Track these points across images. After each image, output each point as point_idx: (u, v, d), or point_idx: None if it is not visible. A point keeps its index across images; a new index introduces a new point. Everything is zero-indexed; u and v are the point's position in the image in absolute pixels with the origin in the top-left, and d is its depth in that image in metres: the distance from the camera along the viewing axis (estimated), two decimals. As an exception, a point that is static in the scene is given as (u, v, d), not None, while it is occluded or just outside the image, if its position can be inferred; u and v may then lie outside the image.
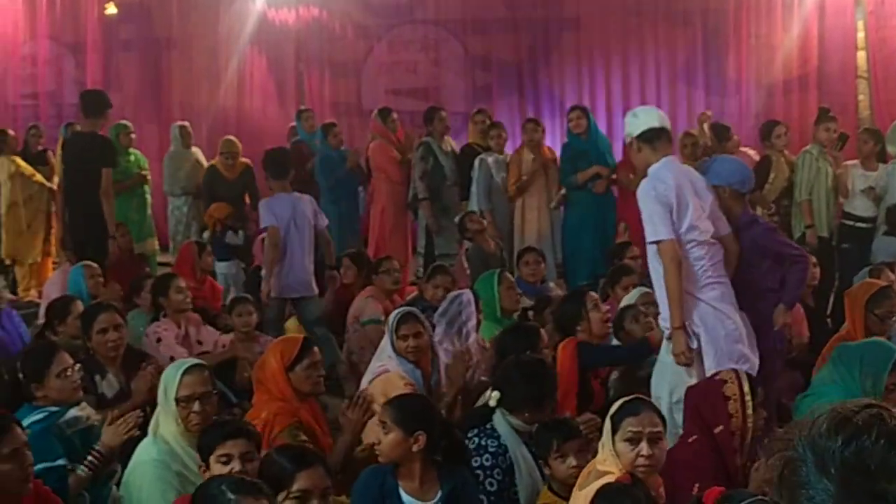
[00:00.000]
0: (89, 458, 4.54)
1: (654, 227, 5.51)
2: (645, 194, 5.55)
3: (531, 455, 4.68)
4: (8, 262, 10.63)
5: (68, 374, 4.82)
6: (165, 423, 4.42)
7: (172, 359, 6.04)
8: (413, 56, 13.85)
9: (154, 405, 4.66)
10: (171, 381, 4.47)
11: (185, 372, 4.49)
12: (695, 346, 5.54)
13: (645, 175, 5.70)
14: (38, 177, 11.01)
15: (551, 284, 9.09)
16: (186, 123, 11.42)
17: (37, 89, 14.75)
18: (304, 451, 3.71)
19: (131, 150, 10.95)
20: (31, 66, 14.77)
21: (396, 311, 6.12)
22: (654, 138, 5.65)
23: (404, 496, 4.16)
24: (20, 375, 4.90)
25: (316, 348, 5.21)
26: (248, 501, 3.15)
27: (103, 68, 14.39)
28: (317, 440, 4.92)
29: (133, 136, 11.08)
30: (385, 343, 6.06)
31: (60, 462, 4.44)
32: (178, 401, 4.40)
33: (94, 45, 14.44)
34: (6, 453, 3.68)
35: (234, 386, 6.50)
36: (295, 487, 3.46)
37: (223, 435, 3.88)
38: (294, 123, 11.70)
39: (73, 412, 4.77)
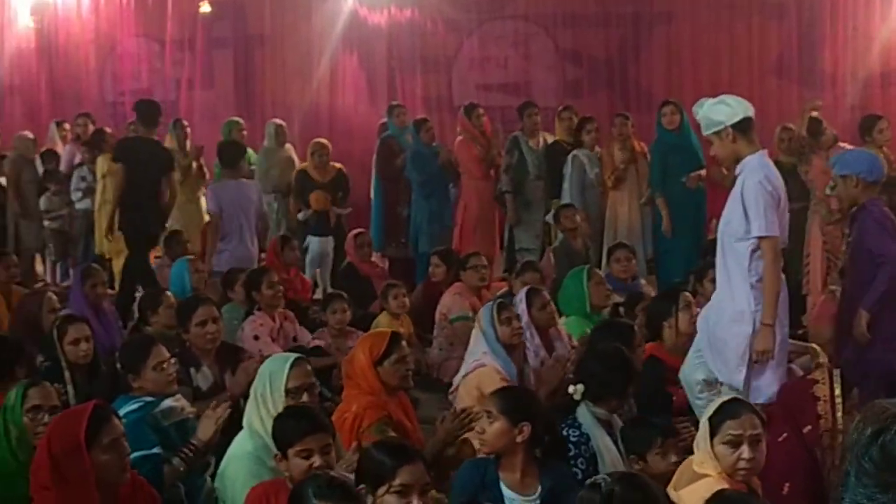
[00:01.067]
0: (184, 449, 4.61)
1: (766, 222, 5.25)
2: (757, 186, 5.28)
3: (614, 445, 4.67)
4: (107, 256, 10.85)
5: (164, 366, 4.92)
6: (260, 417, 4.45)
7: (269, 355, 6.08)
8: (503, 51, 13.81)
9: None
10: (277, 374, 4.49)
11: (294, 364, 4.53)
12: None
13: (733, 166, 5.51)
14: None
15: (642, 281, 9.01)
16: (282, 122, 11.52)
17: (133, 87, 15.01)
18: (404, 446, 3.71)
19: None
20: (129, 64, 15.05)
21: (492, 301, 6.16)
22: (748, 128, 5.41)
23: (505, 489, 4.17)
24: (118, 367, 5.03)
25: (405, 342, 5.25)
26: None
27: (197, 65, 14.60)
28: (406, 435, 4.94)
29: (245, 132, 11.28)
30: (477, 338, 6.08)
31: (155, 451, 4.53)
32: (287, 392, 4.44)
33: (188, 43, 14.65)
34: (105, 443, 3.76)
35: (329, 384, 6.56)
36: (396, 482, 3.45)
37: (302, 430, 3.90)
38: (385, 119, 11.75)
39: (168, 402, 4.86)
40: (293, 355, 4.72)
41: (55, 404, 4.49)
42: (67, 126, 12.73)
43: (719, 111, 5.42)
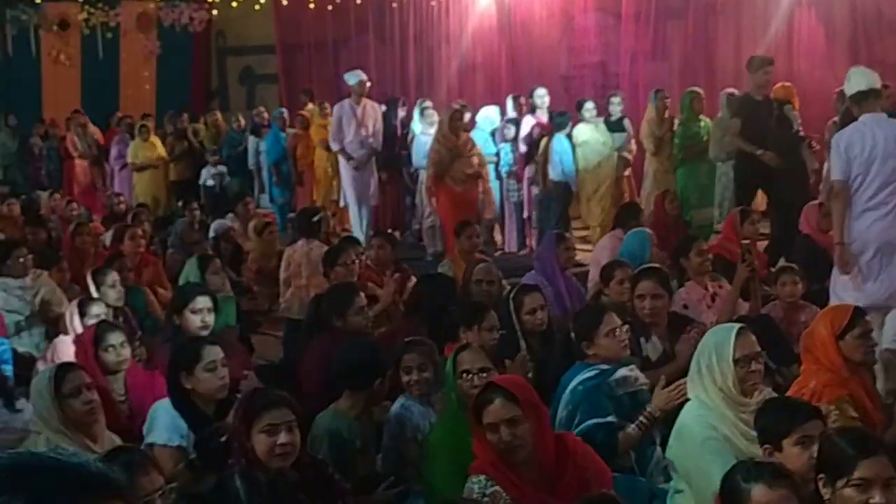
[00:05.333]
0: (640, 418, 4.65)
1: None
2: None
3: None
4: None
5: (616, 333, 4.98)
6: (704, 387, 4.38)
7: (710, 324, 6.00)
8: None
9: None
10: (723, 344, 4.38)
11: (739, 334, 4.41)
12: None
13: None
14: (608, 144, 11.63)
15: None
16: (735, 91, 11.28)
17: (587, 60, 15.31)
18: (867, 437, 3.49)
19: (701, 116, 11.14)
20: (583, 38, 15.35)
21: None
22: None
23: None
24: (572, 335, 5.16)
25: (869, 317, 4.99)
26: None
27: (649, 37, 14.60)
28: (868, 416, 4.71)
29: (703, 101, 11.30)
30: None
31: (610, 418, 4.60)
32: (735, 362, 4.34)
33: (640, 15, 14.69)
34: None
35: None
36: (855, 475, 3.27)
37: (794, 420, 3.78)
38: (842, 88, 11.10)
39: (622, 372, 4.92)
40: (737, 325, 4.60)
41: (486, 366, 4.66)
42: (523, 100, 13.21)
43: None
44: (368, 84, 12.06)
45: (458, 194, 10.40)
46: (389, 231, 11.06)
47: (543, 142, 11.60)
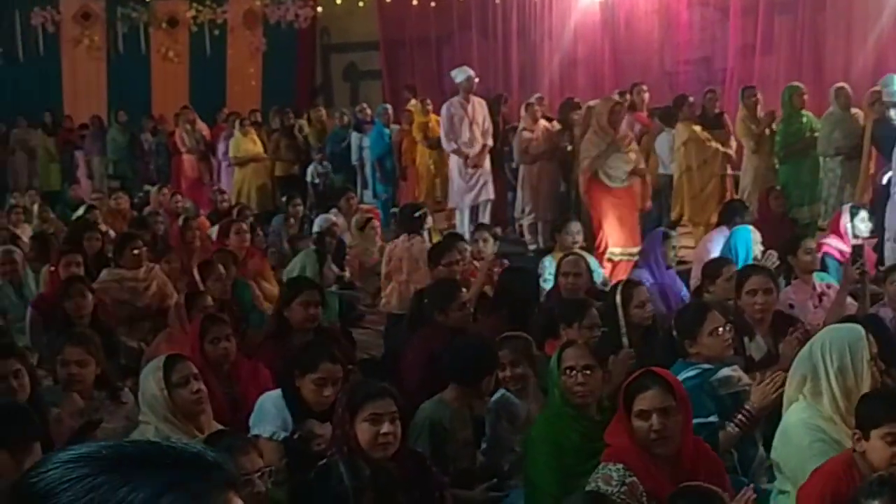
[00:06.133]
0: (739, 416, 4.59)
1: None
2: None
3: None
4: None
5: (720, 332, 4.92)
6: (832, 387, 4.19)
7: (817, 325, 5.88)
8: None
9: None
10: (857, 344, 4.21)
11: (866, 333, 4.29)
12: None
13: None
14: (714, 142, 11.35)
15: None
16: (844, 85, 11.05)
17: (691, 56, 15.13)
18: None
19: (804, 111, 10.94)
20: (687, 33, 15.17)
21: None
22: None
23: None
24: (674, 332, 5.11)
25: None
26: None
27: (758, 32, 14.35)
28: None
29: (805, 96, 11.04)
30: None
31: (712, 418, 4.55)
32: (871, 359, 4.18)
33: (744, 9, 14.46)
34: None
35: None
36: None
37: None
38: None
39: (725, 371, 4.86)
40: (859, 327, 4.47)
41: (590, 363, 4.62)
42: (628, 96, 13.10)
43: None
44: (476, 80, 12.05)
45: (612, 191, 9.80)
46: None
47: (645, 139, 11.50)
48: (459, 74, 11.87)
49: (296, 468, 4.46)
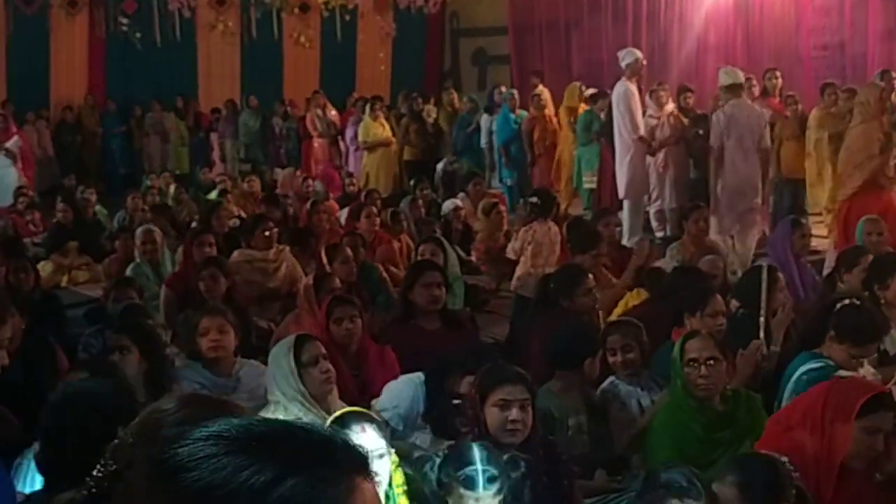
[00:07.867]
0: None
1: None
2: None
3: None
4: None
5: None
6: None
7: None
8: None
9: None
10: None
11: None
12: None
13: None
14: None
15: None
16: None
17: (828, 41, 14.74)
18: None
19: None
20: (825, 16, 14.78)
21: None
22: None
23: None
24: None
25: None
26: None
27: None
28: None
29: None
30: None
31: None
32: None
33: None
34: None
35: None
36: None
37: None
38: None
39: (847, 373, 4.76)
40: None
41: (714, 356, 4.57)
42: (755, 82, 12.85)
43: None
44: (644, 63, 11.57)
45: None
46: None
47: (778, 126, 11.25)
48: (628, 56, 11.30)
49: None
